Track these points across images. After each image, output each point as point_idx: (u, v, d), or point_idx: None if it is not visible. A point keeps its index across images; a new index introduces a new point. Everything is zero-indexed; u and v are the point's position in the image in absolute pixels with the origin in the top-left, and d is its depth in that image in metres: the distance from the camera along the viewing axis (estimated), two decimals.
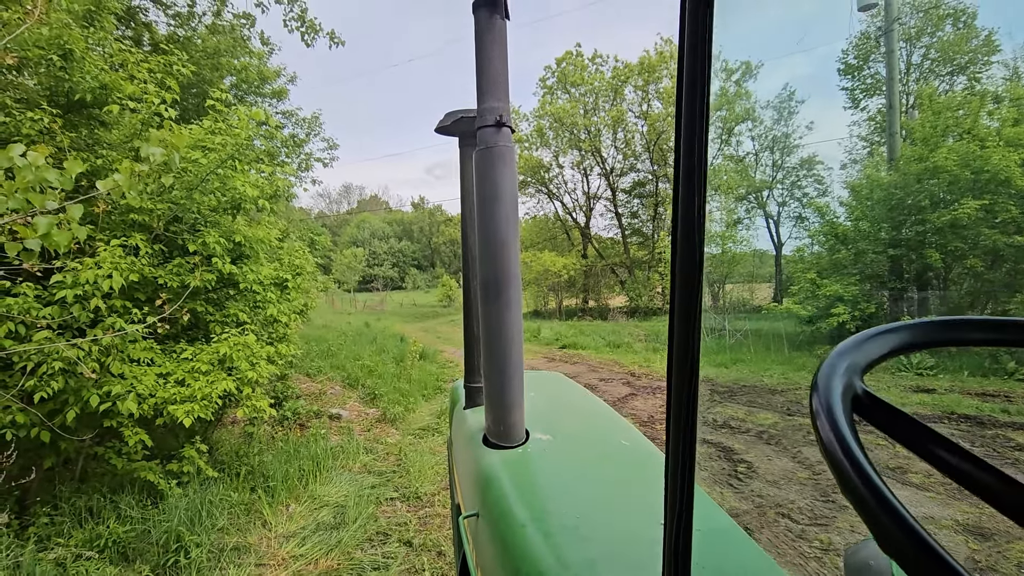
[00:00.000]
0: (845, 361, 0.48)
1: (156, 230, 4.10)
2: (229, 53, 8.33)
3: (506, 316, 1.43)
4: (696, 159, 0.52)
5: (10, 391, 3.14)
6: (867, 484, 0.36)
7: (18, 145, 2.20)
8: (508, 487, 1.24)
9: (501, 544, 1.10)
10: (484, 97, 1.43)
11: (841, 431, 0.41)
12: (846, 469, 0.38)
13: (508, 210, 1.41)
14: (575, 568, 0.92)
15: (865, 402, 0.44)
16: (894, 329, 0.53)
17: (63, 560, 3.26)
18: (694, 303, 0.53)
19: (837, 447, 0.40)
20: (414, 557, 3.85)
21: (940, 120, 10.95)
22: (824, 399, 0.44)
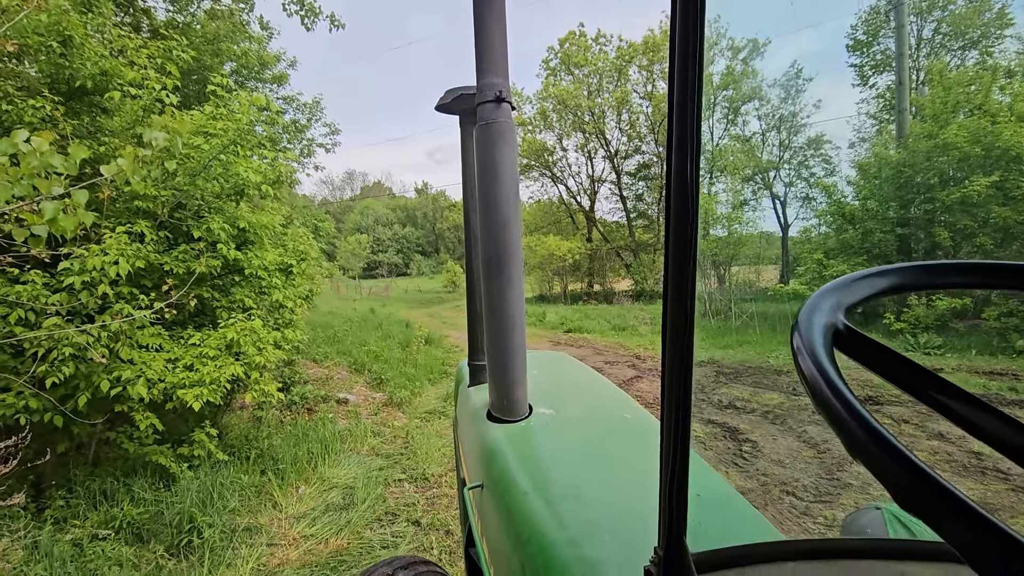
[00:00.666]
0: (827, 300, 0.48)
1: (160, 217, 4.11)
2: (229, 38, 8.26)
3: (508, 293, 1.44)
4: (688, 133, 0.52)
5: (22, 377, 3.19)
6: (852, 414, 0.37)
7: (22, 131, 2.21)
8: (511, 458, 1.26)
9: (505, 512, 1.12)
10: (483, 73, 1.41)
11: (821, 364, 0.41)
12: (829, 401, 0.39)
13: (509, 186, 1.41)
14: (575, 531, 0.94)
15: (846, 336, 0.44)
16: (880, 272, 0.53)
17: (79, 541, 3.34)
18: (687, 258, 0.53)
19: (820, 379, 0.40)
20: (422, 536, 3.91)
21: (950, 96, 10.76)
22: (805, 335, 0.44)
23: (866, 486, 4.30)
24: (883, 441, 0.34)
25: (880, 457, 0.34)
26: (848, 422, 0.36)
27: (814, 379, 0.41)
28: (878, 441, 0.34)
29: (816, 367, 0.41)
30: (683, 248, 0.53)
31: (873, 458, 0.34)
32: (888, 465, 0.33)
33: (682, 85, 0.52)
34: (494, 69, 1.40)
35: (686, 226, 0.52)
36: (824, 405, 0.39)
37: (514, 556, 1.01)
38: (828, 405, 0.39)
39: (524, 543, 0.98)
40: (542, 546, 0.93)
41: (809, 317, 0.46)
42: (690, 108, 0.51)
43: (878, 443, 0.34)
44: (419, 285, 40.67)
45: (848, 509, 3.99)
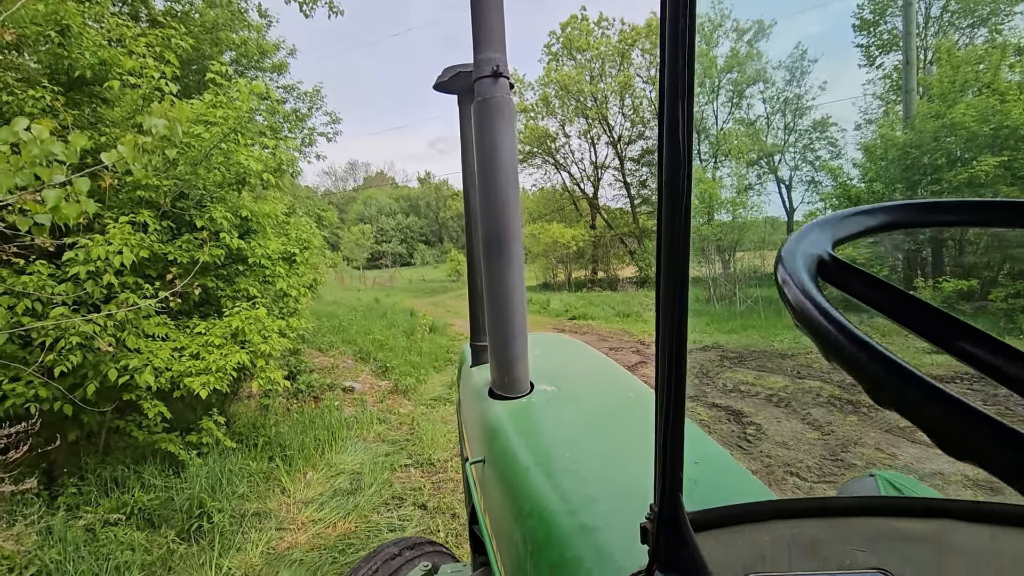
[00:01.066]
0: (813, 233, 0.48)
1: (163, 206, 4.12)
2: (227, 27, 8.20)
3: (508, 271, 1.44)
4: (680, 112, 0.51)
5: (31, 366, 3.22)
6: (845, 334, 0.36)
7: (22, 119, 2.21)
8: (512, 433, 1.27)
9: (506, 486, 1.13)
10: (480, 47, 1.40)
11: (808, 291, 0.41)
12: (821, 325, 0.38)
13: (507, 164, 1.40)
14: (575, 503, 0.95)
15: (831, 266, 0.44)
16: (869, 210, 0.52)
17: (92, 526, 3.39)
18: (679, 214, 0.53)
19: (808, 305, 0.40)
20: (429, 519, 3.96)
21: (959, 75, 10.59)
22: (789, 267, 0.44)
23: (870, 465, 4.31)
24: (887, 361, 0.34)
25: (870, 364, 0.34)
26: (835, 336, 0.36)
27: (800, 303, 0.41)
28: (868, 350, 0.34)
29: (802, 292, 0.41)
30: (675, 198, 0.53)
31: (864, 368, 0.34)
32: (876, 370, 0.33)
33: (672, 67, 0.51)
34: (491, 43, 1.39)
35: (678, 176, 0.52)
36: (811, 325, 0.39)
37: (515, 529, 1.02)
38: (815, 325, 0.38)
39: (525, 516, 0.99)
40: (543, 518, 0.93)
41: (793, 248, 0.46)
42: (681, 89, 0.51)
43: (868, 351, 0.34)
44: (423, 274, 40.72)
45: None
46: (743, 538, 0.71)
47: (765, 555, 0.68)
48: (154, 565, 3.34)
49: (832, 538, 0.70)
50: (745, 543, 0.70)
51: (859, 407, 5.72)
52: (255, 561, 3.51)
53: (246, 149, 4.45)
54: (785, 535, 0.71)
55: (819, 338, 0.38)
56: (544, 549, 0.89)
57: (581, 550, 0.82)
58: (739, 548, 0.69)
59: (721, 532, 0.71)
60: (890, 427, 5.13)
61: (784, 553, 0.68)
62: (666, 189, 0.53)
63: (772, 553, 0.68)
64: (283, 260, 5.01)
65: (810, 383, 6.80)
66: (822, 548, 0.68)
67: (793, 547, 0.69)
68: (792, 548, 0.69)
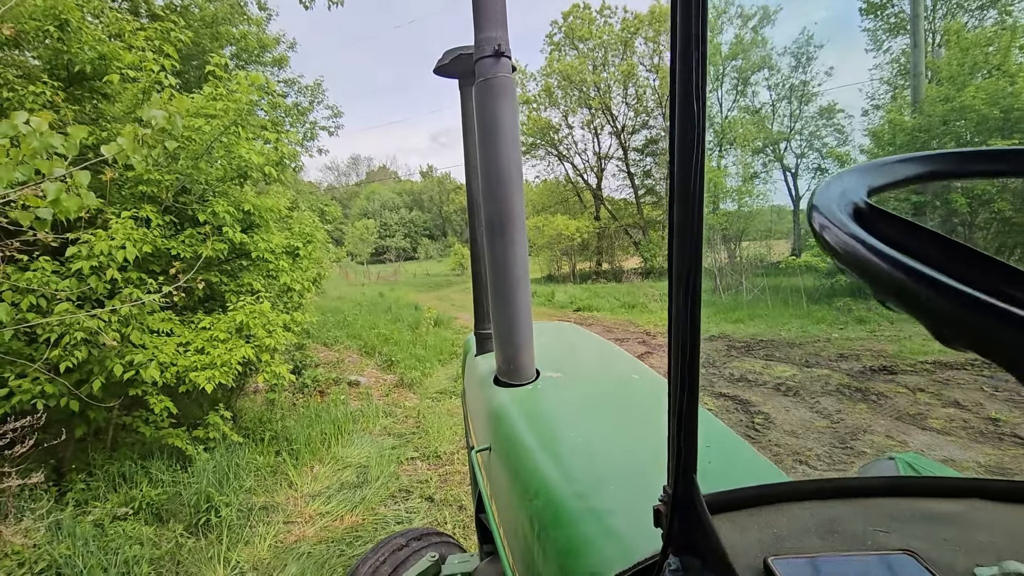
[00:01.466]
0: (846, 179, 0.44)
1: (165, 201, 4.11)
2: (227, 21, 8.16)
3: (511, 254, 1.40)
4: (694, 101, 0.49)
5: (37, 362, 3.22)
6: (904, 269, 0.32)
7: (21, 112, 2.19)
8: (518, 419, 1.25)
9: (512, 470, 1.11)
10: (481, 26, 1.36)
11: (853, 231, 0.37)
12: (872, 263, 0.34)
13: (509, 144, 1.36)
14: (582, 484, 0.92)
15: (867, 214, 0.40)
16: (905, 159, 0.48)
17: (101, 521, 3.41)
18: (692, 209, 0.50)
19: (857, 245, 0.36)
20: (436, 511, 3.96)
21: (968, 57, 10.42)
22: (827, 212, 0.40)
23: (880, 453, 4.27)
24: (937, 282, 0.30)
25: (936, 298, 0.30)
26: (894, 274, 0.32)
27: (847, 245, 0.37)
28: (932, 283, 0.30)
29: (847, 233, 0.37)
30: (687, 183, 0.50)
31: (929, 303, 0.30)
32: (942, 303, 0.29)
33: (685, 55, 0.49)
34: (492, 22, 1.35)
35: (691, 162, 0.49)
36: (861, 265, 0.35)
37: (522, 512, 0.99)
38: (866, 264, 0.35)
39: (532, 498, 0.96)
40: (550, 499, 0.91)
41: (826, 194, 0.42)
42: (695, 79, 0.48)
43: (932, 285, 0.30)
44: (427, 269, 40.73)
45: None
46: (759, 520, 0.68)
47: (783, 537, 0.65)
48: (163, 559, 3.35)
49: (853, 519, 0.67)
50: (762, 525, 0.67)
51: (868, 395, 5.67)
52: (263, 554, 3.51)
53: (247, 143, 4.42)
54: (803, 517, 0.68)
55: (872, 277, 0.34)
56: (551, 530, 0.86)
57: (591, 532, 0.80)
58: (756, 531, 0.66)
59: (736, 515, 0.68)
60: (900, 414, 5.09)
61: (803, 535, 0.65)
62: (678, 174, 0.51)
63: (790, 535, 0.65)
64: (286, 254, 5.00)
65: (818, 371, 6.74)
66: (842, 530, 0.65)
67: (812, 529, 0.66)
68: (811, 530, 0.66)
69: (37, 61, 4.27)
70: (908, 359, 6.90)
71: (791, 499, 0.70)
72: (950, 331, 0.29)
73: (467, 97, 1.87)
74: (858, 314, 9.96)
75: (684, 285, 0.52)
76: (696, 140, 0.49)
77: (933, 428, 4.71)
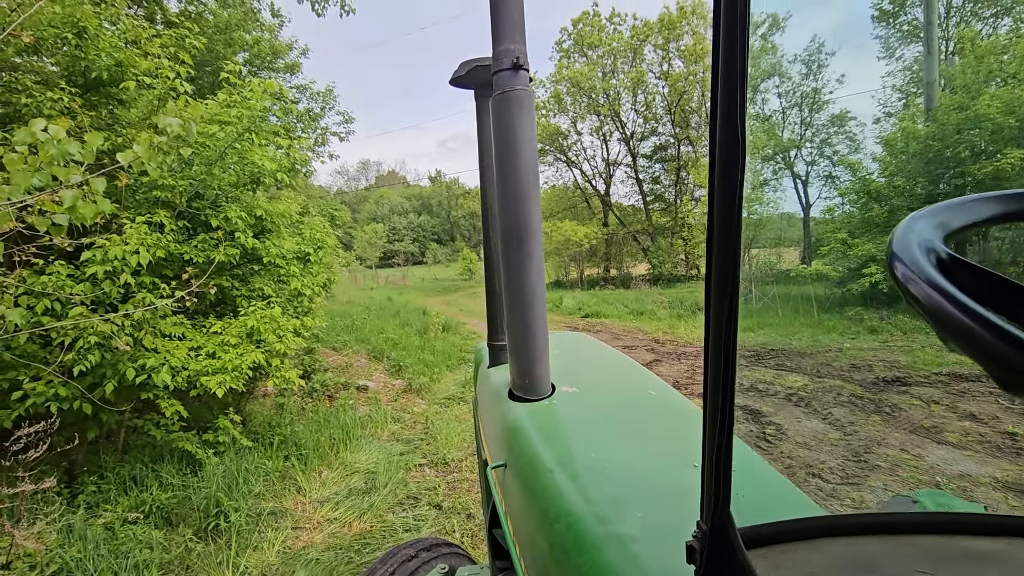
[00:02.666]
0: (919, 225, 0.43)
1: (179, 207, 4.14)
2: (240, 27, 8.25)
3: (527, 267, 1.39)
4: (735, 107, 0.48)
5: (51, 366, 3.25)
6: (991, 329, 0.31)
7: (39, 120, 2.22)
8: (534, 436, 1.23)
9: (529, 490, 1.09)
10: (500, 39, 1.35)
11: (939, 283, 0.35)
12: (961, 322, 0.33)
13: (527, 157, 1.35)
14: (601, 505, 0.90)
15: (949, 265, 0.39)
16: (981, 199, 0.47)
17: (111, 524, 3.42)
18: (733, 227, 0.49)
19: (942, 299, 0.34)
20: (444, 519, 3.93)
21: (982, 65, 10.32)
22: (910, 261, 0.39)
23: (894, 468, 4.20)
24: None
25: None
26: (991, 340, 0.31)
27: (934, 302, 0.35)
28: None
29: (935, 288, 0.36)
30: (729, 203, 0.49)
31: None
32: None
33: (728, 59, 0.47)
34: (511, 35, 1.34)
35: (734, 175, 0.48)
36: (949, 323, 0.33)
37: (540, 534, 0.98)
38: (954, 322, 0.33)
39: (552, 521, 0.94)
40: (571, 524, 0.89)
41: (906, 241, 0.41)
42: (738, 83, 0.47)
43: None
44: (435, 273, 40.83)
45: (875, 491, 3.90)
46: (795, 557, 0.66)
47: (818, 575, 0.63)
48: (172, 564, 3.35)
49: (893, 558, 0.65)
50: (798, 562, 0.65)
51: (882, 407, 5.60)
52: (271, 560, 3.51)
53: (260, 149, 4.46)
54: (840, 554, 0.66)
55: (960, 336, 0.33)
56: (574, 555, 0.84)
57: (615, 560, 0.78)
58: (791, 568, 0.64)
59: (769, 550, 0.66)
60: (914, 427, 5.01)
61: (840, 573, 0.63)
62: (718, 192, 0.49)
63: (826, 573, 0.63)
64: (297, 259, 5.02)
65: (830, 382, 6.66)
66: (881, 568, 0.63)
67: (849, 567, 0.64)
68: (848, 568, 0.64)
69: (55, 67, 4.34)
70: (922, 370, 6.80)
71: (827, 534, 0.68)
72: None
73: (483, 109, 1.87)
74: (870, 324, 9.85)
75: (723, 312, 0.51)
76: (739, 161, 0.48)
77: (948, 442, 4.63)
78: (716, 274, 0.50)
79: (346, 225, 14.40)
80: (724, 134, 0.48)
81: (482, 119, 1.89)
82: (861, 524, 0.69)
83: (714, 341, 0.51)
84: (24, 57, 4.18)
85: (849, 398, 5.96)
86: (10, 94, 3.80)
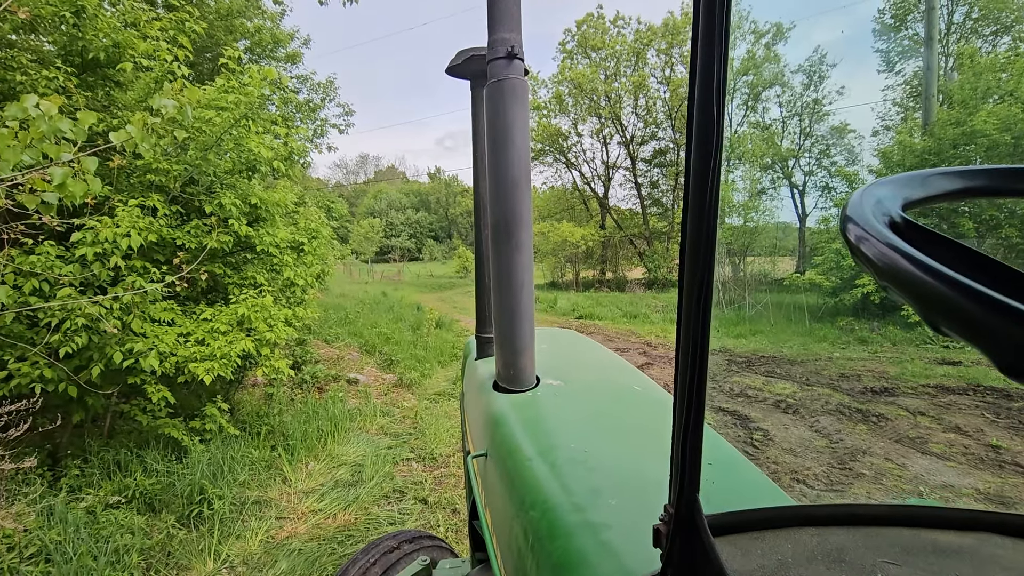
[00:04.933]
0: (881, 189, 0.43)
1: (173, 191, 4.11)
2: (242, 14, 8.20)
3: (516, 258, 1.39)
4: (712, 119, 0.48)
5: (37, 347, 3.22)
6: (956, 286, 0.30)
7: (32, 96, 2.19)
8: (516, 426, 1.23)
9: (508, 478, 1.09)
10: (495, 28, 1.35)
11: (895, 244, 0.35)
12: (911, 274, 0.32)
13: (519, 147, 1.35)
14: (580, 496, 0.90)
15: (904, 229, 0.38)
16: (944, 173, 0.47)
17: (93, 508, 3.39)
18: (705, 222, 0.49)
19: (901, 259, 0.34)
20: (429, 514, 3.93)
21: (980, 82, 10.40)
22: (864, 223, 0.38)
23: (879, 476, 4.23)
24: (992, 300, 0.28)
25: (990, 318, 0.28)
26: (941, 290, 0.30)
27: (888, 259, 0.35)
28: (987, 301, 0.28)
29: (889, 246, 0.35)
30: (702, 195, 0.49)
31: (979, 323, 0.28)
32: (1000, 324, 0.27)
33: (705, 66, 0.48)
34: (506, 23, 1.34)
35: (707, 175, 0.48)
36: (904, 280, 0.33)
37: (516, 522, 0.98)
38: (910, 279, 0.32)
39: (527, 508, 0.94)
40: (545, 511, 0.89)
41: (862, 205, 0.41)
42: (715, 92, 0.48)
43: (988, 305, 0.28)
44: (431, 270, 40.74)
45: (859, 498, 3.92)
46: (763, 545, 0.66)
47: (788, 564, 0.63)
48: (153, 549, 3.33)
49: (861, 549, 0.65)
50: (766, 551, 0.65)
51: (868, 416, 5.63)
52: (254, 549, 3.49)
53: (257, 136, 4.43)
54: (809, 543, 0.66)
55: (917, 294, 0.32)
56: (546, 542, 0.84)
57: (586, 546, 0.78)
58: (759, 556, 0.64)
59: (739, 537, 0.66)
60: (900, 437, 5.04)
61: (809, 563, 0.63)
62: (692, 187, 0.49)
63: (795, 562, 0.63)
64: (291, 249, 5.00)
65: (819, 390, 6.70)
66: (850, 559, 0.63)
67: (818, 556, 0.64)
68: (817, 557, 0.64)
69: (52, 46, 4.30)
70: (910, 381, 6.85)
71: (797, 524, 0.68)
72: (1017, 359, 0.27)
73: (478, 98, 1.87)
74: (860, 334, 9.91)
75: (694, 301, 0.51)
76: (713, 153, 0.48)
77: (933, 452, 4.66)
78: (689, 263, 0.50)
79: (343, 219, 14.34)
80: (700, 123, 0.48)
81: (477, 109, 1.89)
82: (830, 515, 0.69)
83: (685, 326, 0.51)
84: (20, 35, 4.14)
85: (837, 407, 5.99)
86: (4, 71, 3.76)
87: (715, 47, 0.47)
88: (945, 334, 0.32)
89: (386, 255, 54.66)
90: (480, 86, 1.83)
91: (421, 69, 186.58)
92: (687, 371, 0.52)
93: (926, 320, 0.33)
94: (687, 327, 0.51)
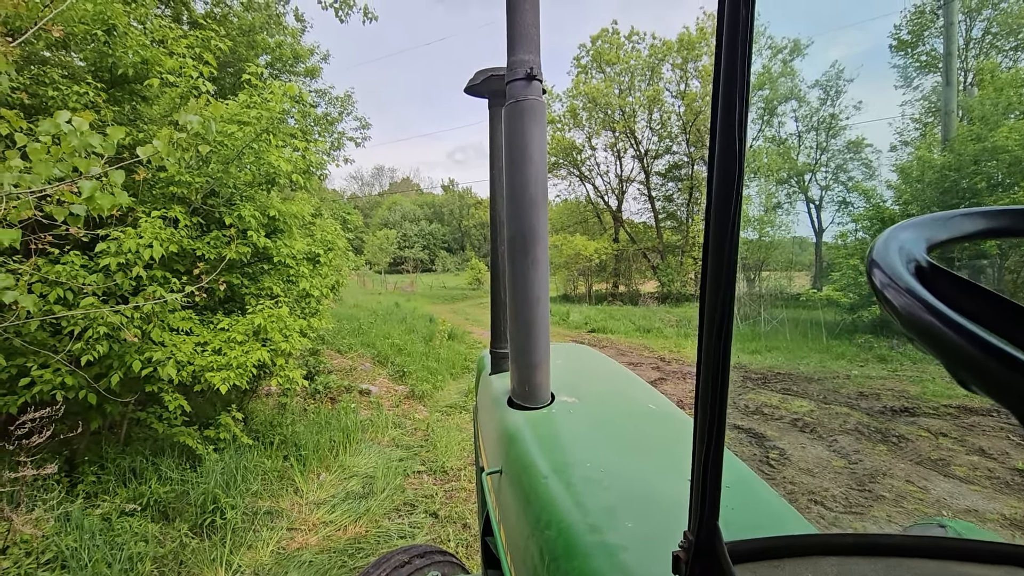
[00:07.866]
0: (905, 233, 0.43)
1: (194, 203, 4.20)
2: (264, 30, 8.41)
3: (532, 275, 1.40)
4: (735, 137, 0.49)
5: (59, 354, 3.28)
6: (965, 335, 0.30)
7: (64, 112, 2.27)
8: (531, 443, 1.22)
9: (523, 497, 1.08)
10: (514, 49, 1.37)
11: (917, 292, 0.35)
12: (937, 329, 0.32)
13: (537, 166, 1.37)
14: (594, 515, 0.90)
15: (929, 273, 0.38)
16: (967, 214, 0.47)
17: (109, 515, 3.43)
18: (728, 241, 0.49)
19: (922, 308, 0.34)
20: (440, 528, 3.91)
21: (1002, 97, 10.27)
22: (888, 269, 0.38)
23: (899, 499, 4.12)
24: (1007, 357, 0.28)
25: (1007, 376, 0.28)
26: (961, 345, 0.30)
27: (910, 308, 0.35)
28: (1002, 359, 0.28)
29: (911, 294, 0.35)
30: (725, 214, 0.49)
31: (996, 380, 0.28)
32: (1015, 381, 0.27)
33: (728, 81, 0.48)
34: (525, 45, 1.36)
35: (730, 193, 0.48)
36: (926, 331, 0.33)
37: (532, 541, 0.97)
38: (934, 332, 0.32)
39: (543, 527, 0.94)
40: (562, 531, 0.89)
41: (886, 250, 0.41)
42: (737, 105, 0.48)
43: (1003, 361, 0.28)
44: (444, 281, 40.92)
45: (879, 521, 3.83)
46: (783, 573, 0.65)
47: None
48: (166, 558, 3.35)
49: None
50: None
51: (888, 436, 5.51)
52: (265, 560, 3.50)
53: (277, 150, 4.52)
54: (829, 573, 0.65)
55: (943, 350, 0.32)
56: (563, 563, 0.84)
57: (603, 567, 0.77)
58: None
59: (759, 565, 0.66)
60: (921, 459, 4.92)
61: None
62: (715, 205, 0.49)
63: None
64: (307, 260, 5.06)
65: (837, 408, 6.57)
66: None
67: None
68: None
69: (82, 62, 4.44)
70: (931, 401, 6.70)
71: (818, 553, 0.67)
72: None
73: (496, 117, 1.89)
74: (879, 352, 9.73)
75: (715, 323, 0.51)
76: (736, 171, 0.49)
77: (956, 476, 4.54)
78: (711, 285, 0.51)
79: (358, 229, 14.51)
80: (723, 144, 0.49)
81: (495, 127, 1.91)
82: (852, 544, 0.68)
83: (707, 351, 0.52)
84: (53, 51, 4.29)
85: (856, 426, 5.87)
86: (37, 86, 3.88)
87: (737, 68, 0.48)
88: (972, 391, 0.32)
89: (399, 266, 55.05)
90: (498, 105, 1.85)
91: (436, 82, 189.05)
92: (707, 398, 0.52)
93: (953, 376, 0.33)
94: (708, 351, 0.51)
